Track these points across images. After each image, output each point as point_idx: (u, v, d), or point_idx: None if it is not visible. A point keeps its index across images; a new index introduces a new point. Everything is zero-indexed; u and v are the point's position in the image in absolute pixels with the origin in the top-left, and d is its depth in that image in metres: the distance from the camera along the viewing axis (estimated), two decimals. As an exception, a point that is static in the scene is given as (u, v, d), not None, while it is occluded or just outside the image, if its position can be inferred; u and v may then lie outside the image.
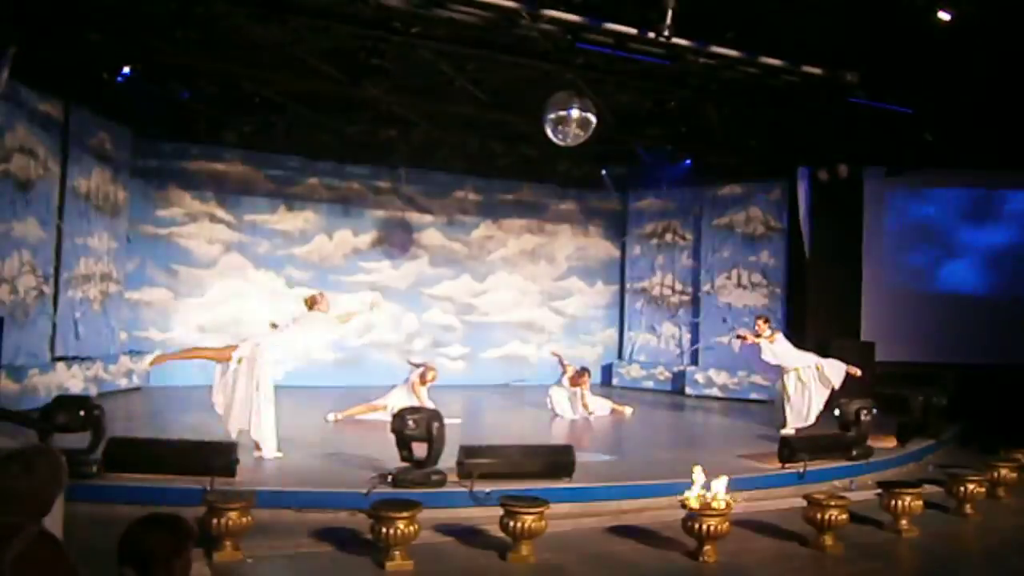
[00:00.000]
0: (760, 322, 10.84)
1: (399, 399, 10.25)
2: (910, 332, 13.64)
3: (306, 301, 8.43)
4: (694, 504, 5.72)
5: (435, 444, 6.95)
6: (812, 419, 10.32)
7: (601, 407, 12.08)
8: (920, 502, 6.50)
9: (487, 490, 6.64)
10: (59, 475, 2.59)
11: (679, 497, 5.86)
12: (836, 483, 7.91)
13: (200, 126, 12.63)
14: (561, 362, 12.17)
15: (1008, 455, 8.36)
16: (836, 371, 10.38)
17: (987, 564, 6.25)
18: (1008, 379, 12.28)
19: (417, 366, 11.01)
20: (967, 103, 11.05)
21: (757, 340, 10.60)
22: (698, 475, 5.86)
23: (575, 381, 11.88)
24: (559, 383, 12.05)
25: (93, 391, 11.02)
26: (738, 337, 11.05)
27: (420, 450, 7.08)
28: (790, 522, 6.42)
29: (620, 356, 16.61)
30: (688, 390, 15.05)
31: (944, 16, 8.10)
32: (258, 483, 6.73)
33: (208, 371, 13.18)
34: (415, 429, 6.96)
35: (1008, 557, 6.23)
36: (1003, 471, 7.93)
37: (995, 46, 8.70)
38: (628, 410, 12.18)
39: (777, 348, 10.55)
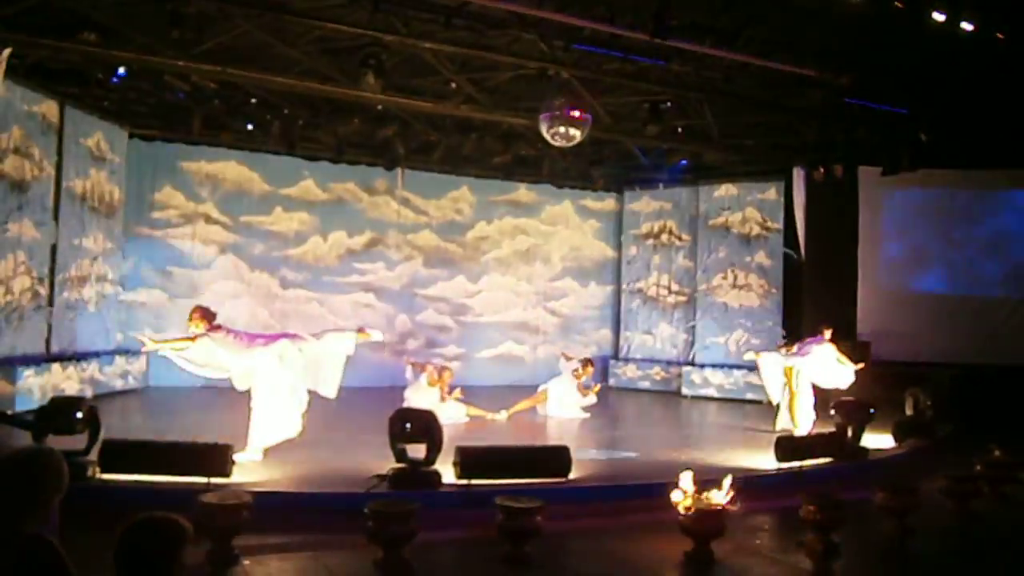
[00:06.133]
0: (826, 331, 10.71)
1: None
2: (906, 331, 13.65)
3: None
4: (692, 504, 5.71)
5: (434, 444, 6.97)
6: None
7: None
8: (917, 501, 6.50)
9: (484, 490, 6.64)
10: (60, 478, 2.58)
11: (677, 497, 5.86)
12: None
13: (195, 127, 12.57)
14: (566, 356, 12.57)
15: (1004, 454, 8.37)
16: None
17: (984, 563, 6.26)
18: (1004, 378, 12.31)
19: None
20: (962, 103, 11.08)
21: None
22: (692, 478, 5.86)
23: (582, 371, 12.20)
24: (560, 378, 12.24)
25: (89, 392, 10.98)
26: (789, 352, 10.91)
27: (415, 451, 7.08)
28: (787, 522, 6.43)
29: (616, 356, 16.61)
30: (684, 390, 15.07)
31: (939, 17, 8.14)
32: (254, 484, 6.72)
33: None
34: (413, 430, 6.96)
35: (1006, 556, 6.25)
36: (1000, 470, 7.95)
37: (992, 48, 8.71)
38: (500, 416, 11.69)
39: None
